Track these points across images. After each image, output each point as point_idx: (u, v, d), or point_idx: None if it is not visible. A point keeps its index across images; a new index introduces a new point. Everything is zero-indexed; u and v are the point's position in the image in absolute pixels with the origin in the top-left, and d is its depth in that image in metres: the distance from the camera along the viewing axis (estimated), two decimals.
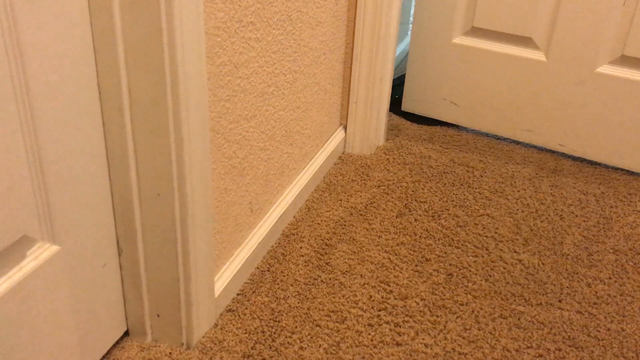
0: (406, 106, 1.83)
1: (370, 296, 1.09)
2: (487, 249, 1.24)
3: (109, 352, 0.93)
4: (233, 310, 1.04)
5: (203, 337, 0.98)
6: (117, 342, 0.95)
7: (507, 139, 1.73)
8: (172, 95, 0.78)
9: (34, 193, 0.71)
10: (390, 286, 1.11)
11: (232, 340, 0.97)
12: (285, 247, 1.21)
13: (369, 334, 1.00)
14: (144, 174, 0.84)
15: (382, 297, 1.09)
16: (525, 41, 1.59)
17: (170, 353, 0.94)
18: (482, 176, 1.53)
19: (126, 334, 0.97)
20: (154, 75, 0.76)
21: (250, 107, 1.03)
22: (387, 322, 1.03)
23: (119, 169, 0.83)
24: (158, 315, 0.95)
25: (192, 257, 0.90)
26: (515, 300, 1.10)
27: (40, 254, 0.75)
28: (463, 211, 1.37)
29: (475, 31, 1.65)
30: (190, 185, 0.85)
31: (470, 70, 1.69)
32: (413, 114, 1.83)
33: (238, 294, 1.08)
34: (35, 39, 0.66)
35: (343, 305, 1.06)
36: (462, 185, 1.48)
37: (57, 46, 0.69)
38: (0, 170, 0.65)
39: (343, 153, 1.62)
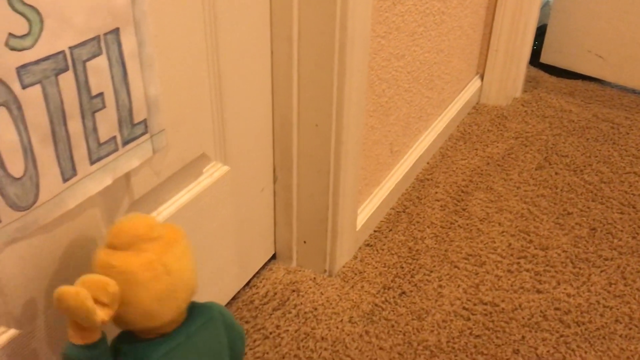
0: (545, 58, 1.75)
1: (510, 244, 1.08)
2: (634, 207, 1.18)
3: (258, 272, 1.00)
4: (371, 245, 1.07)
5: (344, 266, 1.03)
6: (266, 264, 1.02)
7: None
8: (340, 27, 0.79)
9: (212, 115, 0.77)
10: (530, 236, 1.10)
11: (372, 273, 1.01)
12: (420, 191, 1.22)
13: (509, 280, 1.00)
14: (304, 105, 0.87)
15: (522, 246, 1.07)
16: None
17: (314, 278, 0.99)
18: (628, 133, 1.44)
19: (273, 257, 1.03)
20: (325, 6, 0.78)
21: (401, 46, 1.04)
22: (527, 270, 1.02)
23: (282, 99, 0.87)
24: (304, 242, 1.00)
25: (341, 189, 0.94)
26: None
27: (214, 172, 0.81)
28: (607, 168, 1.30)
29: None
30: (347, 118, 0.88)
31: (622, 20, 1.57)
32: (552, 66, 1.75)
33: (375, 231, 1.11)
34: None
35: (481, 250, 1.06)
36: (606, 141, 1.41)
37: None
38: (189, 92, 0.71)
39: (477, 103, 1.58)
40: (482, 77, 1.56)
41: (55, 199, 0.56)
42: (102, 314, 0.51)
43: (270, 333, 0.89)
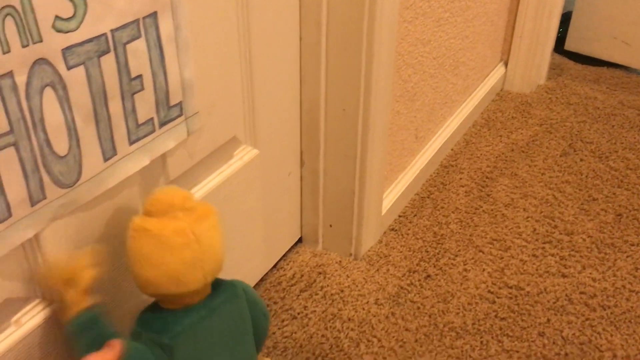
0: (570, 45, 1.74)
1: (534, 229, 1.08)
2: None
3: (285, 255, 1.02)
4: (396, 230, 1.09)
5: (369, 250, 1.04)
6: (292, 247, 1.04)
7: None
8: (369, 11, 0.80)
9: (243, 99, 0.78)
10: (555, 221, 1.10)
11: (397, 256, 1.02)
12: (444, 177, 1.23)
13: (534, 264, 1.00)
14: (332, 90, 0.89)
15: (547, 231, 1.08)
16: None
17: (340, 261, 1.01)
18: None
19: (299, 241, 1.05)
20: None
21: (427, 31, 1.04)
22: (553, 255, 1.02)
23: (310, 84, 0.89)
24: (330, 226, 1.02)
25: (368, 173, 0.95)
26: None
27: (244, 155, 0.82)
28: (633, 154, 1.30)
29: None
30: (375, 103, 0.89)
31: None
32: (577, 53, 1.74)
33: (400, 216, 1.12)
34: None
35: (506, 235, 1.07)
36: (632, 128, 1.40)
37: None
38: (221, 76, 0.72)
39: (501, 90, 1.58)
40: (506, 64, 1.56)
41: (96, 178, 0.58)
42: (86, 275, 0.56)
43: (298, 313, 0.90)
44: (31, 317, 0.58)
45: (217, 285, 0.62)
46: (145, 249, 0.55)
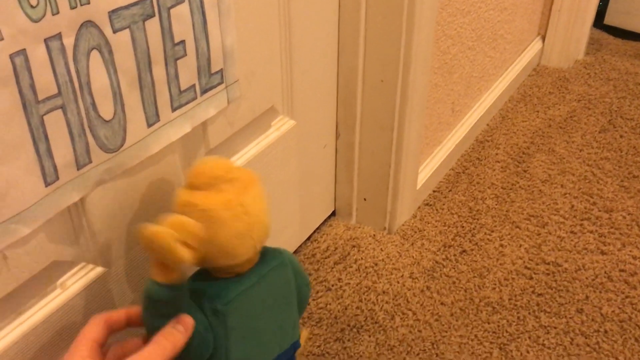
0: (610, 19, 1.68)
1: (572, 206, 1.06)
2: None
3: (319, 228, 1.02)
4: (431, 205, 1.08)
5: (403, 225, 1.03)
6: (325, 220, 1.03)
7: None
8: None
9: (282, 68, 0.78)
10: (593, 198, 1.08)
11: (432, 231, 1.01)
12: (480, 152, 1.21)
13: (572, 241, 0.99)
14: (370, 60, 0.87)
15: (585, 208, 1.06)
16: None
17: (374, 235, 1.00)
18: None
19: (333, 214, 1.05)
20: None
21: (467, 1, 1.01)
22: (591, 232, 1.00)
23: (348, 54, 0.87)
24: (365, 199, 1.01)
25: (404, 146, 0.94)
26: None
27: (281, 125, 0.82)
28: None
29: None
30: (414, 74, 0.87)
31: None
32: (617, 28, 1.68)
33: (434, 191, 1.11)
34: None
35: (543, 211, 1.05)
36: None
37: None
38: (261, 44, 0.71)
39: (538, 65, 1.54)
40: (543, 39, 1.52)
41: (140, 143, 0.58)
42: (186, 255, 0.53)
43: (332, 285, 0.90)
44: (76, 281, 0.58)
45: (265, 252, 0.62)
46: None
